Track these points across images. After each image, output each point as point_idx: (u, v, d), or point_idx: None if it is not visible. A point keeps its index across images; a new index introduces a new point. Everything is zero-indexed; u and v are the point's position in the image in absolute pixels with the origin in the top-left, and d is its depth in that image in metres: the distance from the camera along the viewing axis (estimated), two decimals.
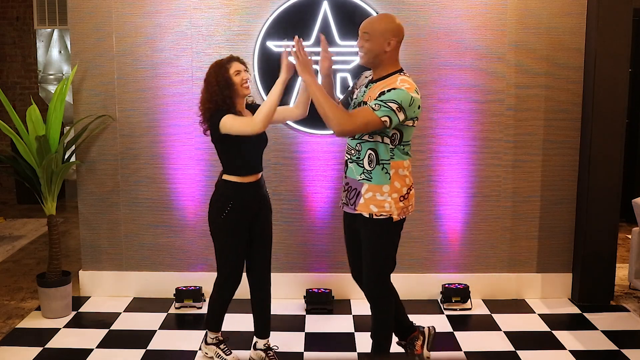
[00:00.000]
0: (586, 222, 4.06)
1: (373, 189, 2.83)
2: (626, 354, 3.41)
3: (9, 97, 7.12)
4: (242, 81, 3.07)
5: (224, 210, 3.13)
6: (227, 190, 3.14)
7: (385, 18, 2.84)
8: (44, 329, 3.73)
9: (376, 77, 2.86)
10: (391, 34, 2.78)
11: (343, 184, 3.01)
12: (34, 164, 3.74)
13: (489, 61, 4.00)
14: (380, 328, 3.05)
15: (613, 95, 3.96)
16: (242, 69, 3.10)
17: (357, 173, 2.87)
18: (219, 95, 3.03)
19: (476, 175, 4.09)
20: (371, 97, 2.78)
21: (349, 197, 2.93)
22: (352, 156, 2.90)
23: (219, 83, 3.04)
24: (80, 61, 4.03)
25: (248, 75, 3.12)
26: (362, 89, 2.95)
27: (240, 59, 3.15)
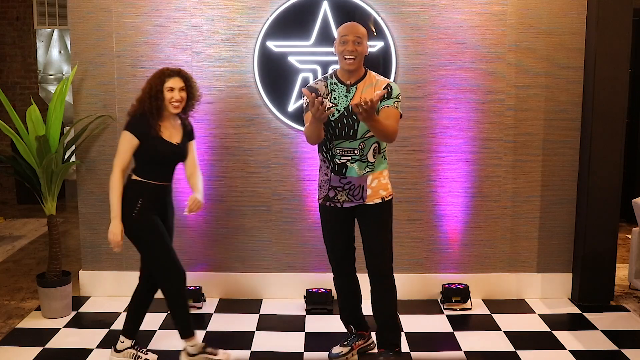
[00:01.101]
0: (586, 222, 4.05)
1: (376, 176, 3.08)
2: (626, 354, 3.41)
3: (9, 97, 7.11)
4: (171, 99, 3.11)
5: (134, 209, 3.13)
6: (135, 189, 3.15)
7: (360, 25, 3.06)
8: (44, 329, 3.73)
9: (355, 79, 3.05)
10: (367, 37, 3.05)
11: (336, 185, 3.10)
12: (34, 164, 3.74)
13: (489, 61, 4.00)
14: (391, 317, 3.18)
15: (613, 95, 3.96)
16: (179, 87, 3.12)
17: (360, 169, 3.05)
18: (147, 102, 3.11)
19: (476, 175, 4.09)
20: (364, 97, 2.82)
21: (352, 195, 3.08)
22: (353, 156, 3.04)
23: (151, 91, 3.11)
24: (80, 61, 4.03)
25: (180, 96, 3.12)
26: (339, 95, 3.04)
27: (185, 76, 3.17)
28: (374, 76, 3.08)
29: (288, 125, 4.04)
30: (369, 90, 2.99)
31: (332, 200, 3.13)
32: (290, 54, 3.96)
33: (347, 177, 3.06)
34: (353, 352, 3.36)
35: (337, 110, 3.02)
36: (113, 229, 3.11)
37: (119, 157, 3.12)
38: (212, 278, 4.20)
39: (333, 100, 3.04)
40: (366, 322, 3.43)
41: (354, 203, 3.09)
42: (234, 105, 4.05)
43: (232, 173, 4.12)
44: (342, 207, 3.12)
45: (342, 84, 3.05)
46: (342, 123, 3.00)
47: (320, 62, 3.96)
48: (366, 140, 3.01)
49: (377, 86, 3.00)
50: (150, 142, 3.11)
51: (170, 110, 3.13)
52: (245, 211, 4.14)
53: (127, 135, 3.10)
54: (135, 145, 3.10)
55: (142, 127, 3.10)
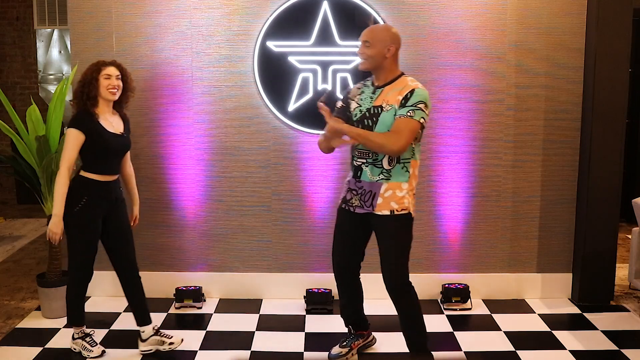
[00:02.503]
0: (586, 222, 4.05)
1: (392, 186, 2.97)
2: (626, 354, 3.41)
3: (9, 97, 7.11)
4: (108, 85, 3.18)
5: (77, 204, 3.18)
6: (82, 186, 3.20)
7: (383, 27, 3.04)
8: (44, 329, 3.73)
9: (382, 82, 3.02)
10: (390, 41, 2.97)
11: (353, 188, 3.08)
12: (34, 164, 3.74)
13: (489, 61, 4.00)
14: (410, 325, 3.12)
15: (613, 95, 3.96)
16: (115, 74, 3.20)
17: (373, 174, 2.99)
18: (83, 90, 3.15)
19: (476, 175, 4.09)
20: (386, 100, 2.94)
21: (363, 200, 3.03)
22: (367, 159, 3.00)
23: (85, 80, 3.17)
24: (80, 61, 4.03)
25: (117, 83, 3.19)
26: (366, 96, 3.05)
27: (120, 66, 3.26)
28: (407, 81, 2.97)
29: (288, 125, 4.04)
30: (393, 94, 2.94)
31: (347, 202, 3.11)
32: (290, 54, 3.96)
33: (361, 180, 3.03)
34: (352, 351, 3.36)
35: (360, 110, 3.03)
36: (53, 227, 3.15)
37: (66, 154, 3.13)
38: (212, 278, 4.20)
39: (359, 100, 3.05)
40: (366, 321, 3.43)
41: (364, 210, 3.03)
42: (234, 105, 4.05)
43: (232, 173, 4.12)
44: (354, 212, 3.08)
45: (372, 86, 3.06)
46: (362, 124, 3.00)
47: (320, 62, 3.96)
48: None
49: (402, 91, 2.92)
50: (97, 135, 3.15)
51: (107, 97, 3.18)
52: (245, 211, 4.14)
53: (72, 132, 3.12)
54: (82, 141, 3.13)
55: (86, 121, 3.15)
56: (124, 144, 3.30)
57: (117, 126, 3.28)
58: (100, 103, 3.20)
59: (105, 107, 3.23)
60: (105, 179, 3.24)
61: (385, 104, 2.94)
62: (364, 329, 3.41)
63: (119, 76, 3.21)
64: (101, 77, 3.16)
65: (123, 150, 3.32)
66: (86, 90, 3.15)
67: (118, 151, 3.28)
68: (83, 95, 3.16)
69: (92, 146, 3.16)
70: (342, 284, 3.31)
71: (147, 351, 3.41)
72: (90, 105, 3.17)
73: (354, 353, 3.36)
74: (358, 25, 3.91)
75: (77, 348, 3.40)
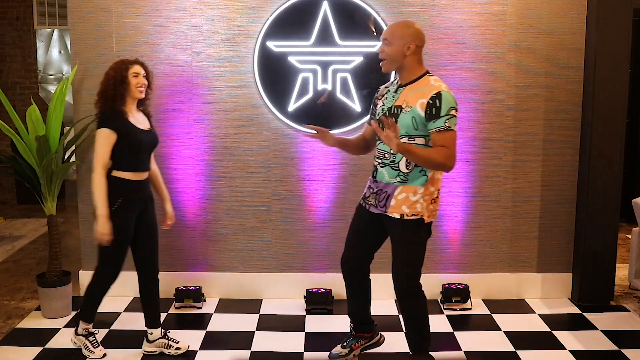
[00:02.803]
0: (586, 222, 4.05)
1: (407, 189, 2.90)
2: (626, 354, 3.41)
3: (9, 97, 7.11)
4: (137, 84, 3.20)
5: (113, 206, 3.16)
6: (116, 186, 3.19)
7: (403, 24, 2.94)
8: (44, 329, 3.73)
9: (405, 81, 2.94)
10: (410, 39, 2.87)
11: (371, 186, 3.05)
12: (34, 164, 3.74)
13: (489, 61, 4.00)
14: (413, 327, 3.10)
15: (613, 95, 3.96)
16: (142, 73, 3.23)
17: (390, 176, 2.94)
18: (111, 90, 3.15)
19: (476, 175, 4.09)
20: (407, 101, 2.85)
21: (378, 200, 2.99)
22: (384, 160, 2.96)
23: (115, 78, 3.17)
24: (80, 61, 4.03)
25: (145, 81, 3.23)
26: (390, 95, 3.00)
27: (144, 64, 3.27)
28: (430, 81, 2.86)
29: (288, 125, 4.04)
30: (414, 95, 2.84)
31: (365, 199, 3.09)
32: (290, 54, 3.96)
33: (377, 180, 3.00)
34: (354, 352, 3.34)
35: (382, 109, 2.98)
36: (101, 228, 3.11)
37: (99, 155, 3.13)
38: (212, 278, 4.20)
39: (384, 99, 3.01)
40: (369, 324, 3.34)
41: (377, 210, 2.99)
42: (234, 105, 4.05)
43: (232, 173, 4.12)
44: (369, 210, 3.05)
45: (396, 85, 2.99)
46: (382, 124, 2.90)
47: (320, 62, 3.96)
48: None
49: (426, 93, 2.81)
50: (128, 133, 3.16)
51: (136, 95, 3.20)
52: (245, 211, 4.14)
53: (104, 132, 3.13)
54: (113, 140, 3.13)
55: (116, 120, 3.15)
56: (153, 139, 3.31)
57: (144, 123, 3.29)
58: (128, 102, 3.21)
59: (132, 105, 3.24)
60: (137, 178, 3.23)
61: (405, 104, 2.85)
62: (365, 331, 3.33)
63: (144, 74, 3.24)
64: (130, 76, 3.18)
65: (152, 146, 3.32)
66: (118, 89, 3.15)
67: (148, 147, 3.29)
68: (114, 94, 3.15)
69: (124, 144, 3.15)
70: (349, 281, 3.24)
71: (151, 352, 3.41)
72: (120, 104, 3.17)
73: (356, 354, 3.35)
74: (358, 24, 3.92)
75: (77, 343, 3.40)
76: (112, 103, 3.16)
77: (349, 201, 4.11)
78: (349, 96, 3.99)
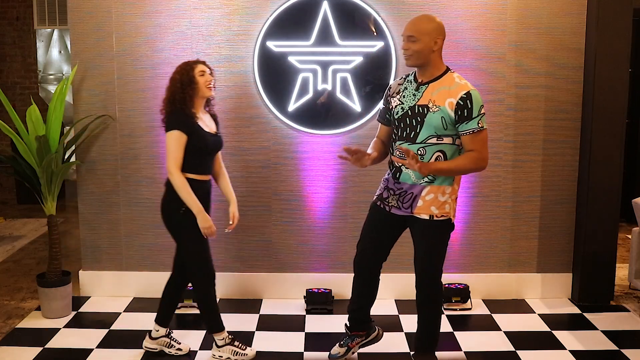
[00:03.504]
0: (586, 222, 4.05)
1: (435, 190, 2.88)
2: (626, 354, 3.41)
3: (9, 97, 7.12)
4: (206, 82, 3.19)
5: (182, 207, 3.14)
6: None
7: (425, 19, 2.87)
8: (44, 329, 3.73)
9: (427, 79, 2.88)
10: (436, 34, 2.83)
11: (391, 187, 2.99)
12: (34, 164, 3.74)
13: (489, 61, 4.00)
14: (428, 327, 3.09)
15: (613, 95, 3.96)
16: (208, 71, 3.22)
17: (417, 177, 2.88)
18: (180, 93, 3.13)
19: (476, 175, 4.09)
20: (433, 100, 2.82)
21: (402, 201, 2.94)
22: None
23: (182, 81, 3.15)
24: (80, 61, 4.03)
25: (211, 78, 3.22)
26: (409, 92, 2.92)
27: (205, 62, 3.26)
28: (454, 78, 2.85)
29: (288, 125, 4.04)
30: (440, 93, 2.81)
31: (384, 201, 3.02)
32: (290, 54, 3.96)
33: (400, 182, 2.93)
34: (352, 351, 3.33)
35: (402, 108, 2.90)
36: (203, 223, 3.13)
37: (173, 157, 3.10)
38: None
39: (401, 98, 2.93)
40: (366, 322, 3.32)
41: (401, 212, 2.94)
42: (234, 105, 4.05)
43: (232, 173, 4.11)
44: (389, 212, 3.00)
45: (415, 82, 2.92)
46: (405, 123, 2.88)
47: (320, 62, 3.96)
48: (428, 146, 2.83)
49: (453, 92, 2.79)
50: (197, 135, 3.14)
51: (206, 93, 3.19)
52: (245, 211, 4.14)
53: (175, 134, 3.10)
54: (185, 142, 3.11)
55: (187, 122, 3.13)
56: (218, 142, 3.30)
57: (210, 125, 3.29)
58: (197, 103, 3.20)
59: (200, 107, 3.23)
60: (203, 179, 3.24)
61: (432, 104, 2.81)
62: (360, 329, 3.31)
63: (211, 72, 3.23)
64: (197, 75, 3.16)
65: (217, 149, 3.31)
66: (187, 90, 3.13)
67: (213, 150, 3.28)
68: (182, 97, 3.13)
69: (192, 146, 3.14)
70: (360, 281, 3.21)
71: (151, 349, 3.41)
72: (189, 106, 3.15)
73: (354, 352, 3.35)
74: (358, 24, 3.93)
75: (225, 356, 3.32)
76: (182, 106, 3.12)
77: (349, 201, 4.12)
78: (349, 96, 3.99)
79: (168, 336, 3.42)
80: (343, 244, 4.16)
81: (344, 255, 4.17)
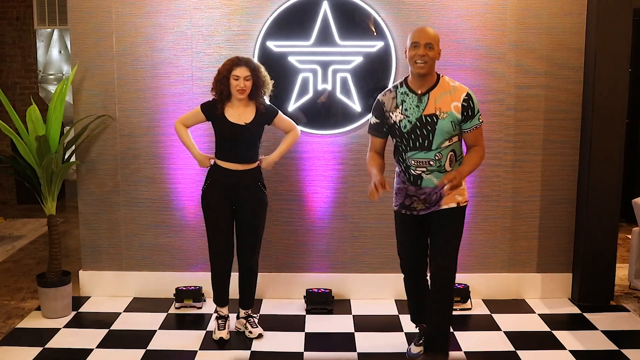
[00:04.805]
0: (586, 222, 4.05)
1: None
2: (626, 354, 3.41)
3: (9, 97, 7.12)
4: (236, 86, 3.36)
5: (204, 185, 3.51)
6: (211, 169, 3.54)
7: (431, 29, 3.03)
8: (44, 329, 3.73)
9: (426, 88, 2.99)
10: (439, 43, 3.02)
11: (413, 195, 3.09)
12: (34, 164, 3.74)
13: (489, 61, 4.00)
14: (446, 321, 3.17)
15: (613, 95, 3.96)
16: (244, 76, 3.37)
17: (437, 179, 3.02)
18: (217, 86, 3.43)
19: (476, 175, 4.09)
20: (438, 107, 2.95)
21: (429, 202, 3.07)
22: (429, 167, 3.01)
23: (220, 76, 3.41)
24: (80, 61, 4.03)
25: (244, 84, 3.35)
26: (411, 104, 3.00)
27: (252, 66, 3.39)
28: (448, 82, 3.01)
29: None
30: (444, 99, 2.95)
31: (409, 208, 3.13)
32: (290, 54, 3.96)
33: (422, 188, 3.05)
34: None
35: (409, 121, 2.98)
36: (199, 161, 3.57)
37: (184, 115, 3.57)
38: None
39: (404, 111, 3.00)
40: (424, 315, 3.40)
41: (429, 210, 3.08)
42: None
43: None
44: (419, 215, 3.12)
45: (413, 93, 3.00)
46: (416, 134, 2.98)
47: (320, 62, 3.96)
48: (442, 150, 2.99)
49: (455, 95, 2.96)
50: (216, 122, 3.45)
51: (235, 96, 3.41)
52: None
53: (197, 108, 3.51)
54: (199, 118, 3.51)
55: (212, 108, 3.45)
56: (240, 133, 3.41)
57: (244, 117, 3.44)
58: (233, 98, 3.43)
59: (236, 101, 3.44)
60: (227, 166, 3.44)
61: (439, 111, 2.95)
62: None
63: (248, 77, 3.37)
64: (231, 78, 3.36)
65: (239, 140, 3.42)
66: (218, 87, 3.40)
67: (234, 140, 3.42)
68: (217, 88, 3.41)
69: (215, 132, 3.48)
70: (415, 290, 3.32)
71: (237, 329, 3.67)
72: (225, 99, 3.41)
73: None
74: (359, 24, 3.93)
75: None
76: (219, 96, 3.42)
77: (349, 201, 4.12)
78: (349, 96, 3.99)
79: (247, 319, 3.65)
80: (343, 244, 4.16)
81: (344, 255, 4.17)
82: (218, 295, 3.62)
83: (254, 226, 3.52)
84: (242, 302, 3.68)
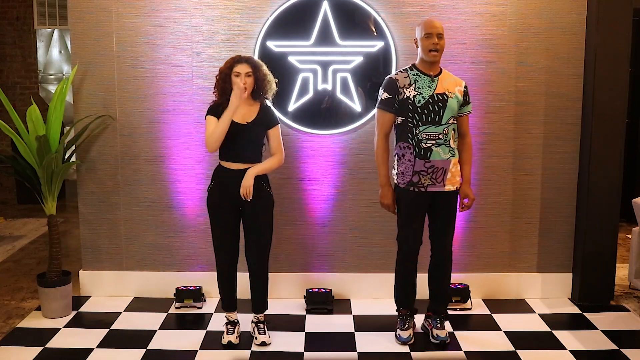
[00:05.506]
0: (586, 222, 4.05)
1: (455, 162, 3.40)
2: (626, 354, 3.41)
3: (9, 97, 7.12)
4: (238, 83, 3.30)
5: (209, 186, 3.48)
6: (215, 171, 3.49)
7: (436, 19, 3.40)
8: (44, 329, 3.73)
9: (436, 73, 3.38)
10: None
11: (421, 169, 3.33)
12: (34, 164, 3.74)
13: (489, 61, 4.00)
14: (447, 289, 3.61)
15: (613, 95, 3.96)
16: (245, 72, 3.33)
17: (444, 153, 3.33)
18: (219, 85, 3.39)
19: (476, 175, 4.09)
20: (447, 88, 3.34)
21: (435, 178, 3.35)
22: (438, 140, 3.32)
23: (221, 74, 3.38)
24: (80, 61, 4.03)
25: (245, 80, 3.32)
26: (424, 84, 3.34)
27: (253, 63, 3.37)
28: (449, 73, 3.44)
29: (288, 125, 4.04)
30: (449, 83, 3.36)
31: (417, 185, 3.35)
32: (290, 54, 3.96)
33: (430, 160, 3.31)
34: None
35: (423, 97, 3.31)
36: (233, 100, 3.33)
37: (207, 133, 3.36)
38: (212, 278, 4.17)
39: (418, 88, 3.32)
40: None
41: (436, 187, 3.35)
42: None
43: None
44: (426, 191, 3.35)
45: (425, 75, 3.35)
46: (428, 109, 3.30)
47: (320, 62, 3.96)
48: (449, 125, 3.34)
49: (457, 83, 3.39)
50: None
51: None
52: None
53: (209, 118, 3.39)
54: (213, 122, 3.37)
55: (216, 108, 3.40)
56: (241, 132, 3.36)
57: (247, 116, 3.40)
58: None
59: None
60: (229, 166, 3.41)
61: (448, 92, 3.34)
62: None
63: (249, 73, 3.33)
64: (233, 74, 3.34)
65: (240, 139, 3.37)
66: (221, 84, 3.36)
67: (236, 139, 3.36)
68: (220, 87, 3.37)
69: None
70: (412, 270, 3.52)
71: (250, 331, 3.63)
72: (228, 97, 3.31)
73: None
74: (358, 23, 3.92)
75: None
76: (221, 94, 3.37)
77: (349, 201, 4.12)
78: (349, 96, 3.99)
79: (256, 324, 3.59)
80: (343, 244, 4.16)
81: (344, 255, 4.17)
82: (225, 299, 3.58)
83: (260, 226, 3.47)
84: (253, 305, 3.61)
